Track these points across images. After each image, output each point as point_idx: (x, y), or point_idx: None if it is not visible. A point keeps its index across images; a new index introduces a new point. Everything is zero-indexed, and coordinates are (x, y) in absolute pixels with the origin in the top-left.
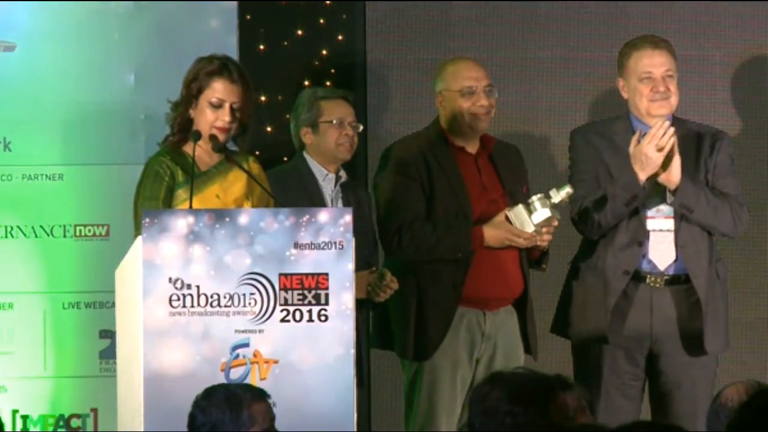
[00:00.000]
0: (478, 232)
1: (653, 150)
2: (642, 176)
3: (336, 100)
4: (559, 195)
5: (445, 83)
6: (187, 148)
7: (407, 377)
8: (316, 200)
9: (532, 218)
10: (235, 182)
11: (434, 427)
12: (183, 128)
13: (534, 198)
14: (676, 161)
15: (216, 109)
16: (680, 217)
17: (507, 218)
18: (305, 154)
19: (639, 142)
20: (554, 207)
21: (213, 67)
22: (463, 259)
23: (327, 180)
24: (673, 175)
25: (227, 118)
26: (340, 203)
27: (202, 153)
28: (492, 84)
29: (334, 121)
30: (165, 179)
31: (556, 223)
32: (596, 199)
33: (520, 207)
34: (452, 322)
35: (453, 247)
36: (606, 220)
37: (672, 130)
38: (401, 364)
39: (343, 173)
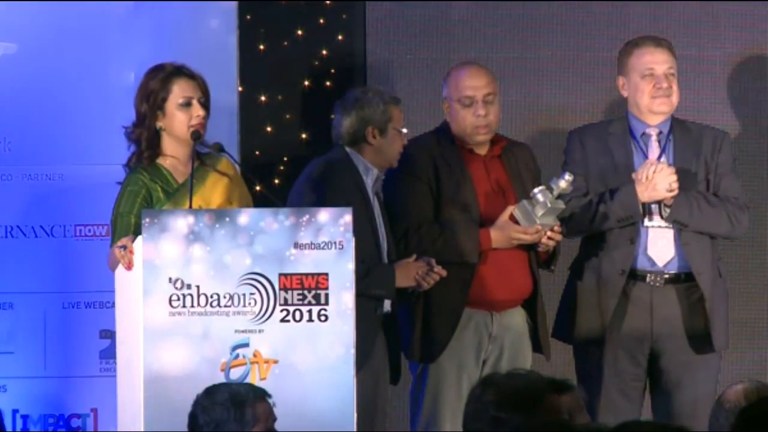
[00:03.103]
0: (485, 235)
1: (665, 187)
2: (642, 197)
3: (399, 106)
4: (559, 184)
5: (448, 90)
6: (161, 161)
7: (413, 377)
8: (365, 194)
9: (535, 211)
10: (215, 188)
11: (439, 427)
12: (152, 143)
13: (536, 190)
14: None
15: (187, 108)
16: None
17: (512, 215)
18: (348, 150)
19: (654, 164)
20: (557, 197)
21: (166, 72)
22: (472, 262)
23: (370, 177)
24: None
25: (201, 113)
26: (376, 200)
27: (176, 164)
28: (494, 92)
29: (402, 130)
30: (141, 193)
31: (562, 206)
32: (587, 204)
33: (524, 202)
34: (459, 324)
35: (460, 251)
36: (592, 227)
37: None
38: (408, 364)
39: (381, 173)
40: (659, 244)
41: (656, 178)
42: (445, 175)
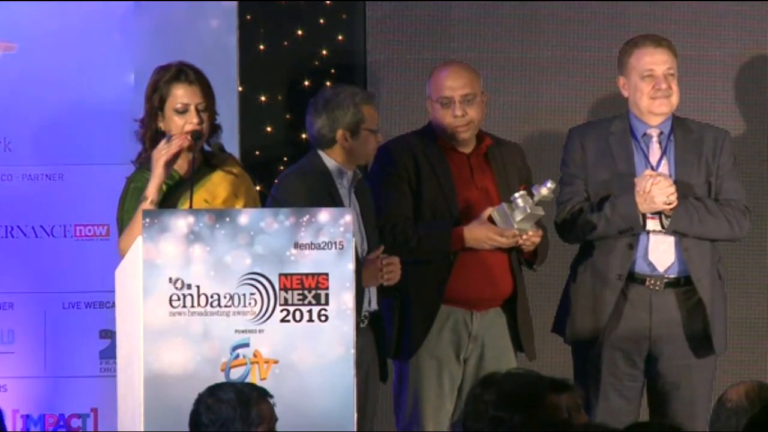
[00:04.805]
0: (459, 232)
1: (663, 200)
2: (641, 209)
3: (373, 105)
4: (541, 191)
5: (429, 89)
6: None
7: (395, 375)
8: (336, 199)
9: (514, 215)
10: (220, 184)
11: (421, 425)
12: (155, 142)
13: (516, 195)
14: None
15: (182, 115)
16: None
17: (491, 217)
18: (321, 153)
19: (652, 177)
20: (537, 203)
21: (170, 74)
22: (445, 259)
23: (345, 178)
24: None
25: (195, 120)
26: (354, 200)
27: (181, 162)
28: (474, 92)
29: (374, 129)
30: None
31: (541, 213)
32: (587, 216)
33: (503, 205)
34: (436, 321)
35: (433, 249)
36: (591, 236)
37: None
38: (393, 361)
39: (358, 171)
40: (660, 250)
41: (653, 191)
42: (426, 173)
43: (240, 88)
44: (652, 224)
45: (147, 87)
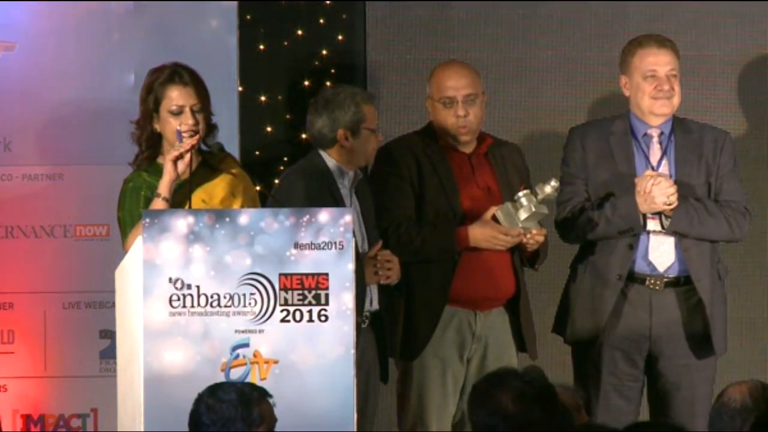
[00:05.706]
0: (463, 232)
1: (663, 201)
2: (641, 209)
3: (373, 104)
4: (544, 189)
5: (430, 90)
6: (161, 161)
7: (398, 376)
8: (338, 198)
9: (518, 214)
10: (219, 183)
11: (425, 426)
12: (151, 143)
13: (520, 194)
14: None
15: (177, 116)
16: None
17: (495, 216)
18: (322, 152)
19: (652, 177)
20: (541, 202)
21: (164, 76)
22: (450, 259)
23: (346, 178)
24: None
25: (190, 122)
26: (355, 200)
27: (178, 162)
28: (475, 93)
29: (375, 128)
30: (142, 191)
31: (546, 212)
32: (588, 216)
33: (507, 204)
34: (441, 322)
35: (438, 249)
36: (592, 236)
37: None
38: (394, 363)
39: (359, 172)
40: (660, 250)
41: (654, 191)
42: (428, 173)
43: (240, 88)
44: (652, 224)
45: (141, 89)
